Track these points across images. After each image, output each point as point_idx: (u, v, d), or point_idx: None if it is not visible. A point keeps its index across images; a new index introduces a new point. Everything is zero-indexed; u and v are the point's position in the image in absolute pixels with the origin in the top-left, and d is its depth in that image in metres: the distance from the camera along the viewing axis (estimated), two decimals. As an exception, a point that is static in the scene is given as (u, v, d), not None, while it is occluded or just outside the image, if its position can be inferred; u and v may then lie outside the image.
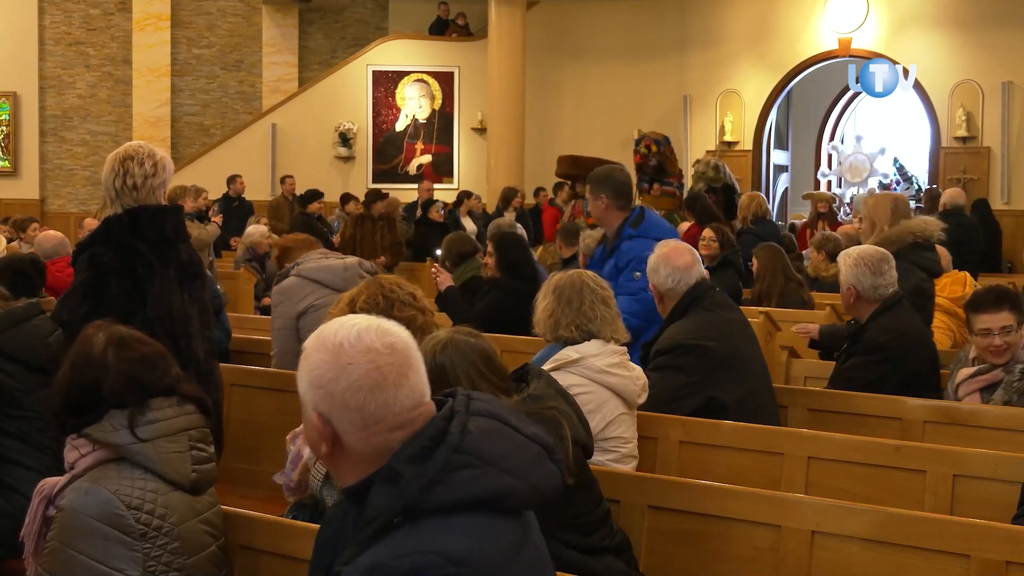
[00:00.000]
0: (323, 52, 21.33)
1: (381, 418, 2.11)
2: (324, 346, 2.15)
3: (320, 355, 2.15)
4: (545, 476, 2.18)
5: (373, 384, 2.10)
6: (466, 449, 2.09)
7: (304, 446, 3.54)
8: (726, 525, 3.51)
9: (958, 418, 4.77)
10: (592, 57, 19.72)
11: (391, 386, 2.11)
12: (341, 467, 2.19)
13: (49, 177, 20.49)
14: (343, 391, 2.11)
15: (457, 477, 2.06)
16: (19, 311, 4.26)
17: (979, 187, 16.66)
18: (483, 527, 2.06)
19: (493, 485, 2.08)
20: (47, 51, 20.37)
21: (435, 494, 2.04)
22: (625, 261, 5.84)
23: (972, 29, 17.01)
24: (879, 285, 5.25)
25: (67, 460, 3.09)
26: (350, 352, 2.12)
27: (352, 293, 3.57)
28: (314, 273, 6.07)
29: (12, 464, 3.96)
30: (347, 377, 2.10)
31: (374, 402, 2.10)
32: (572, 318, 4.16)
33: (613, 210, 5.99)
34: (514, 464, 2.13)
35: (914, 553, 3.17)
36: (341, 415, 2.12)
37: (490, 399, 2.30)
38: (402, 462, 2.07)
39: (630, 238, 5.87)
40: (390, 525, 2.03)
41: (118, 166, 4.33)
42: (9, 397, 4.02)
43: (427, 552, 1.98)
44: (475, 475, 2.07)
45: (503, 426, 2.19)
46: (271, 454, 5.02)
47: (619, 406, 4.17)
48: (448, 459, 2.07)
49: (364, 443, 2.13)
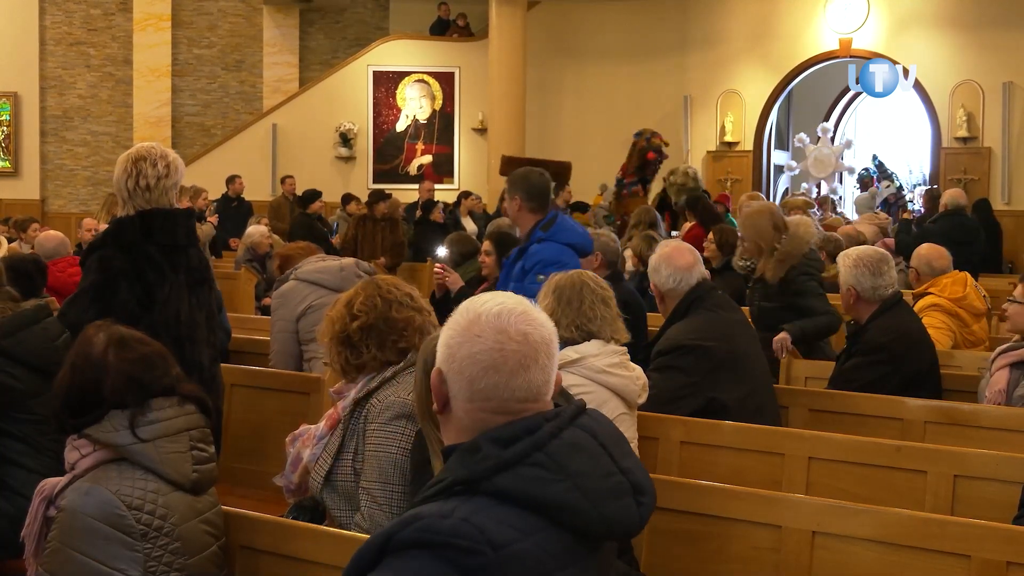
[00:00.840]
0: (324, 52, 21.34)
1: (488, 397, 2.14)
2: (467, 312, 2.18)
3: (458, 318, 2.19)
4: (621, 511, 2.14)
5: (490, 363, 2.13)
6: (548, 451, 2.08)
7: (304, 448, 3.53)
8: (727, 525, 3.51)
9: (959, 418, 4.77)
10: (593, 57, 19.73)
11: (508, 372, 2.13)
12: (446, 428, 2.23)
13: (50, 177, 20.50)
14: (462, 358, 2.14)
15: (527, 472, 2.05)
16: (28, 314, 4.26)
17: (980, 187, 16.66)
18: (533, 527, 2.02)
19: (556, 496, 2.05)
20: (48, 51, 20.38)
21: (500, 478, 2.04)
22: (532, 263, 5.82)
23: (973, 29, 17.01)
24: (879, 286, 5.26)
25: (67, 460, 3.09)
26: (483, 325, 2.15)
27: (349, 294, 3.56)
28: (311, 275, 6.10)
29: (14, 466, 3.96)
30: (470, 347, 2.13)
31: (485, 380, 2.13)
32: (572, 318, 4.16)
33: (526, 212, 5.98)
34: (590, 487, 2.09)
35: (915, 553, 3.17)
36: (455, 379, 2.15)
37: (605, 420, 2.30)
38: (487, 440, 2.09)
39: (539, 241, 5.86)
40: (450, 490, 2.05)
41: (131, 167, 4.32)
42: (14, 400, 4.02)
43: (470, 523, 1.97)
44: (543, 477, 2.05)
45: (599, 448, 2.17)
46: (272, 454, 5.02)
47: (619, 406, 4.17)
48: (527, 453, 2.06)
49: (466, 414, 2.16)
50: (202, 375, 4.37)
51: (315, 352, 5.91)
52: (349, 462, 3.38)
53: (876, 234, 11.13)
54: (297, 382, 5.43)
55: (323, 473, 3.40)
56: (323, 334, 3.54)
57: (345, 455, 3.39)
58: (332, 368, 3.62)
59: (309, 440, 3.53)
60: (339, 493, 3.38)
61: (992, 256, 13.88)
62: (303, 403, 5.23)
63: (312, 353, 5.99)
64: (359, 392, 3.43)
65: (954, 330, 6.39)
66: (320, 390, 5.12)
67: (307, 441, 3.54)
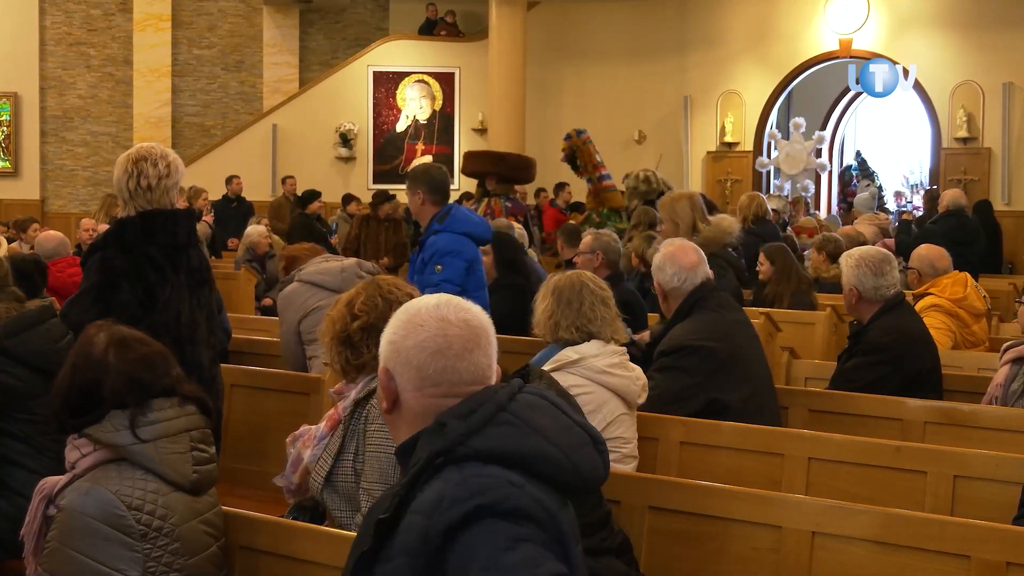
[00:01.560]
0: (324, 53, 21.33)
1: (437, 383, 2.22)
2: (406, 309, 2.29)
3: (399, 315, 2.29)
4: (587, 460, 2.21)
5: (436, 348, 2.21)
6: (511, 410, 2.16)
7: (304, 449, 3.53)
8: (726, 526, 3.51)
9: (958, 419, 4.78)
10: (593, 58, 19.73)
11: (454, 355, 2.22)
12: (398, 426, 2.29)
13: (50, 178, 20.50)
14: (408, 348, 2.23)
15: (497, 431, 2.12)
16: (32, 314, 4.26)
17: (980, 188, 16.66)
18: (522, 481, 2.08)
19: (531, 446, 2.12)
20: (48, 51, 20.38)
21: (473, 441, 2.10)
22: (429, 255, 6.04)
23: (973, 30, 17.01)
24: (880, 286, 5.26)
25: (68, 460, 3.09)
26: (424, 316, 2.25)
27: (350, 294, 3.55)
28: (313, 277, 6.11)
29: (14, 466, 3.96)
30: (415, 336, 2.23)
31: (433, 365, 2.21)
32: (572, 319, 4.16)
33: (428, 205, 6.19)
34: (556, 438, 2.17)
35: (914, 554, 3.17)
36: (402, 371, 2.23)
37: (546, 389, 2.37)
38: (448, 416, 2.16)
39: (435, 232, 6.07)
40: (433, 467, 2.10)
41: (131, 167, 4.32)
42: (15, 400, 4.02)
43: (484, 475, 2.06)
44: (514, 432, 2.13)
45: (552, 407, 2.25)
46: (272, 455, 5.02)
47: (619, 406, 4.18)
48: (491, 414, 2.14)
49: (417, 403, 2.23)
50: (202, 375, 4.36)
51: (315, 352, 5.91)
52: (350, 463, 3.37)
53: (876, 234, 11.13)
54: (297, 382, 5.43)
55: (323, 474, 3.40)
56: (323, 334, 3.53)
57: (346, 456, 3.39)
58: (332, 368, 3.62)
59: (309, 440, 3.52)
60: (339, 494, 3.38)
61: (992, 257, 13.88)
62: (303, 403, 5.23)
63: (313, 352, 6.00)
64: (360, 393, 3.43)
65: (954, 330, 6.39)
66: (320, 390, 5.12)
67: (307, 442, 3.53)
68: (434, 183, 6.27)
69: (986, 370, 5.93)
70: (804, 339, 7.14)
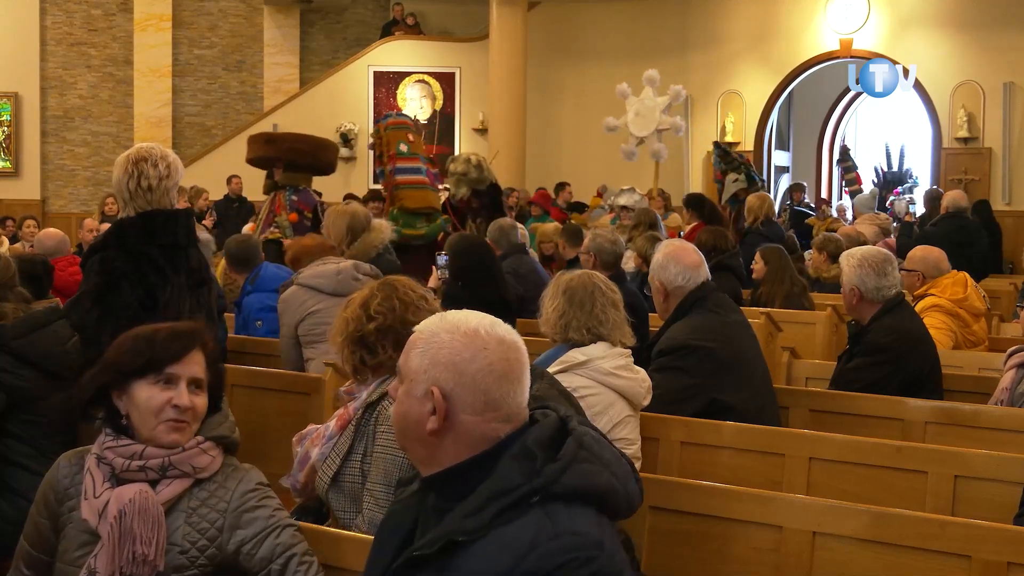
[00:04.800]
0: (324, 53, 21.34)
1: (499, 406, 2.22)
2: (456, 329, 2.24)
3: (451, 335, 2.23)
4: (632, 493, 2.30)
5: (502, 372, 2.22)
6: (587, 446, 2.22)
7: (312, 447, 3.53)
8: (727, 526, 3.51)
9: (959, 419, 4.77)
10: (593, 58, 19.72)
11: (515, 379, 2.24)
12: (441, 446, 2.25)
13: (50, 177, 20.51)
14: (475, 371, 2.20)
15: (582, 468, 2.18)
16: (40, 316, 4.26)
17: (980, 188, 16.66)
18: (601, 522, 2.18)
19: (606, 483, 2.20)
20: (49, 51, 20.39)
21: (567, 478, 2.15)
22: (247, 313, 6.87)
23: (974, 30, 17.01)
24: (882, 286, 5.25)
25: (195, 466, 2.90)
26: (486, 338, 2.23)
27: (364, 295, 3.52)
28: (309, 280, 6.10)
29: (18, 468, 3.96)
30: (482, 359, 2.21)
31: (499, 389, 2.21)
32: (583, 320, 4.15)
33: (236, 274, 7.05)
34: (618, 471, 2.26)
35: (915, 554, 3.17)
36: (465, 394, 2.21)
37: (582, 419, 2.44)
38: (534, 444, 2.19)
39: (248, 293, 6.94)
40: (525, 501, 2.13)
41: (132, 168, 4.32)
42: (21, 401, 4.02)
43: (577, 533, 2.10)
44: (594, 470, 2.19)
45: (602, 438, 2.33)
46: (272, 455, 5.02)
47: (625, 408, 4.17)
48: (576, 451, 2.19)
49: (476, 426, 2.22)
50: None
51: (314, 354, 5.91)
52: (358, 464, 3.37)
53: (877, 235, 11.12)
54: (298, 382, 5.43)
55: (331, 473, 3.40)
56: (336, 334, 3.51)
57: (354, 456, 3.38)
58: (344, 368, 3.61)
59: (318, 439, 3.52)
60: (345, 494, 3.38)
61: (992, 257, 13.87)
62: (304, 403, 5.22)
63: (311, 355, 5.99)
64: (372, 394, 3.42)
65: (955, 330, 6.39)
66: (321, 390, 5.11)
67: (316, 440, 3.53)
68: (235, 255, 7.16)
69: (987, 370, 5.93)
70: (805, 339, 7.14)
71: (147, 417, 2.86)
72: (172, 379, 2.88)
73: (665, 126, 15.54)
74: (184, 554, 2.82)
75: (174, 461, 2.86)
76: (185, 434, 2.88)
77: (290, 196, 9.86)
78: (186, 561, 2.82)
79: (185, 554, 2.82)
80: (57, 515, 2.92)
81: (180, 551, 2.82)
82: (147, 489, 2.82)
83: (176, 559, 2.82)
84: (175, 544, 2.82)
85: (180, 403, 2.86)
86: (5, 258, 4.80)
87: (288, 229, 9.51)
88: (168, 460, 2.85)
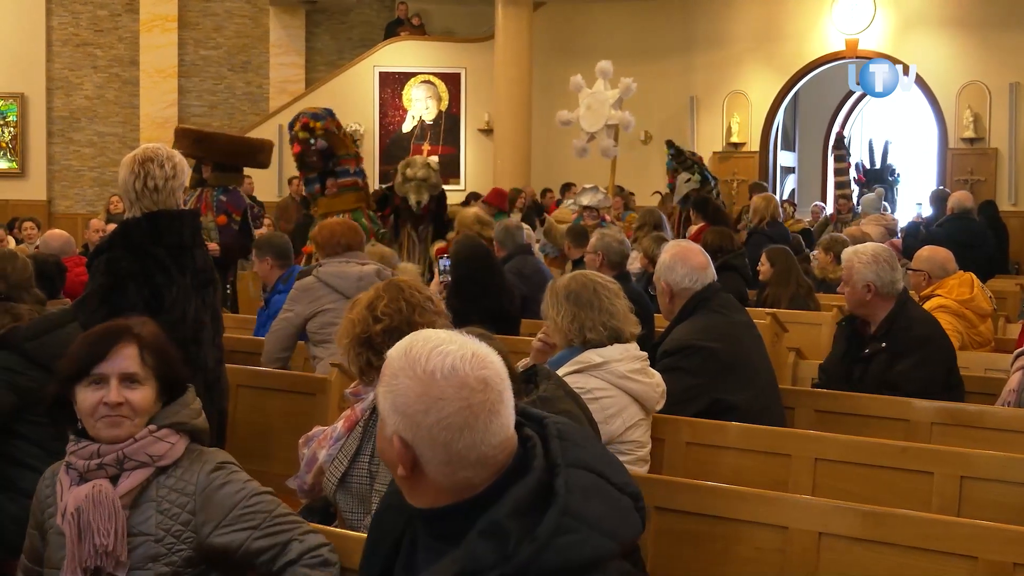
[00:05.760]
0: (330, 53, 21.36)
1: (465, 456, 2.03)
2: (414, 372, 2.05)
3: (409, 382, 2.05)
4: (631, 529, 2.13)
5: (463, 423, 2.02)
6: (573, 512, 2.01)
7: (319, 449, 3.53)
8: (733, 526, 3.51)
9: (965, 420, 4.76)
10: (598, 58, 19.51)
11: (481, 426, 2.03)
12: (416, 490, 2.13)
13: (56, 178, 20.54)
14: (431, 425, 2.02)
15: (564, 542, 1.98)
16: (54, 318, 4.26)
17: (986, 188, 16.65)
18: None
19: (593, 551, 2.01)
20: (55, 52, 20.42)
21: (543, 561, 1.96)
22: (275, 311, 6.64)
23: (979, 30, 17.00)
24: (896, 280, 5.23)
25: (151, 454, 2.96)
26: (442, 385, 2.02)
27: (371, 296, 3.51)
28: (330, 278, 6.05)
29: (25, 468, 3.96)
30: (437, 412, 2.02)
31: (461, 441, 2.02)
32: (597, 318, 4.12)
33: (277, 270, 7.18)
34: (611, 526, 2.06)
35: (921, 555, 3.17)
36: (425, 446, 2.04)
37: (581, 439, 2.21)
38: (507, 517, 2.00)
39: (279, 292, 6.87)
40: None
41: (138, 168, 4.32)
42: (32, 402, 4.03)
43: None
44: (580, 540, 1.99)
45: (601, 481, 2.13)
46: (277, 455, 5.03)
47: (638, 412, 4.17)
48: (557, 523, 1.98)
49: (445, 477, 2.06)
50: (207, 376, 4.37)
51: (322, 353, 5.90)
52: (366, 465, 3.36)
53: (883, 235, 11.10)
54: (302, 383, 5.43)
55: (338, 475, 3.39)
56: (342, 335, 3.50)
57: (362, 457, 3.38)
58: (351, 370, 3.61)
59: (325, 441, 3.52)
60: (353, 495, 3.38)
61: (998, 258, 13.84)
62: (309, 404, 5.23)
63: (318, 353, 5.98)
64: None
65: (961, 331, 6.38)
66: (326, 391, 5.12)
67: (323, 441, 3.53)
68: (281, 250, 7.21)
69: (993, 370, 5.92)
70: (810, 340, 7.13)
71: (87, 419, 2.97)
72: (101, 379, 2.96)
73: (614, 121, 14.42)
74: (159, 542, 2.90)
75: (128, 453, 2.94)
76: (124, 428, 2.96)
77: (218, 197, 9.39)
78: (163, 549, 2.89)
79: (160, 542, 2.90)
80: (42, 524, 3.05)
81: (155, 540, 2.90)
82: (102, 483, 2.91)
83: (152, 548, 2.89)
84: (149, 534, 2.90)
85: (108, 400, 2.94)
86: (23, 259, 4.80)
87: (214, 232, 9.16)
88: (122, 453, 2.93)
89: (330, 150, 9.62)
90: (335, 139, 9.72)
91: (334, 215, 9.06)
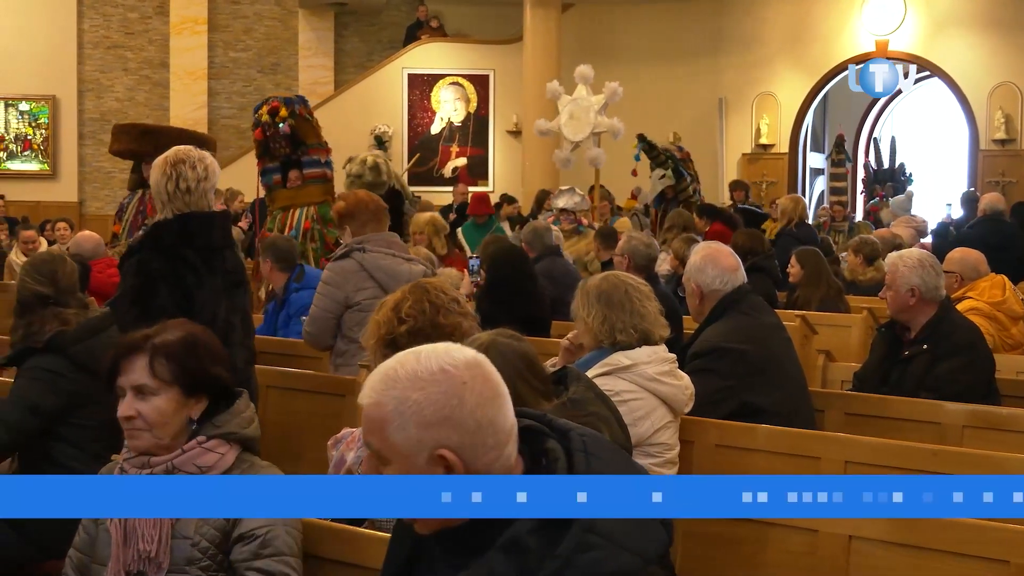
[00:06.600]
0: (359, 55, 21.41)
1: (508, 429, 2.03)
2: (421, 380, 2.00)
3: (422, 392, 1.99)
4: (657, 544, 2.07)
5: (493, 392, 2.02)
6: (596, 529, 1.96)
7: (348, 451, 3.53)
8: (762, 529, 3.50)
9: (996, 423, 4.73)
10: (626, 60, 19.68)
11: (503, 390, 2.05)
12: None
13: (88, 180, 20.69)
14: (472, 409, 1.99)
15: (586, 559, 1.93)
16: (96, 322, 4.31)
17: (1018, 190, 16.53)
18: None
19: (615, 567, 1.96)
20: (86, 55, 20.56)
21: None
22: (295, 310, 6.88)
23: (1011, 31, 16.89)
24: (940, 285, 5.23)
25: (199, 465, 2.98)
26: (453, 372, 2.00)
27: (396, 298, 3.51)
28: (376, 270, 5.68)
29: (65, 470, 4.00)
30: (469, 394, 1.99)
31: (500, 411, 2.02)
32: (627, 320, 4.11)
33: (277, 272, 7.14)
34: (636, 542, 2.01)
35: (952, 558, 3.15)
36: (474, 438, 2.00)
37: (607, 452, 2.16)
38: (528, 533, 1.96)
39: (296, 291, 6.98)
40: None
41: (170, 170, 4.35)
42: (75, 406, 4.07)
43: None
44: (603, 557, 1.95)
45: None
46: (306, 456, 5.04)
47: (666, 414, 4.16)
48: (579, 539, 1.94)
49: (495, 462, 2.02)
50: (236, 377, 4.38)
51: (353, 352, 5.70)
52: None
53: (913, 237, 11.06)
54: (330, 384, 5.44)
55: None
56: (368, 336, 3.50)
57: (391, 459, 3.37)
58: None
59: (352, 443, 3.52)
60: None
61: (1029, 259, 13.74)
62: (337, 404, 5.24)
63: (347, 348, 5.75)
64: None
65: (993, 334, 6.34)
66: (354, 392, 5.11)
67: (351, 444, 3.53)
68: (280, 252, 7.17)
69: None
70: (840, 342, 7.10)
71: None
72: (121, 392, 3.00)
73: (602, 128, 13.59)
74: (195, 546, 2.92)
75: (176, 464, 2.97)
76: (143, 440, 2.98)
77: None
78: (198, 553, 2.91)
79: (196, 546, 2.92)
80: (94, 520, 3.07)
81: (192, 543, 2.92)
82: None
83: (188, 551, 2.92)
84: (187, 537, 2.92)
85: (120, 414, 2.98)
86: (71, 263, 4.82)
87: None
88: (171, 464, 2.96)
89: (298, 137, 9.30)
90: (307, 126, 9.43)
91: (296, 209, 9.15)
